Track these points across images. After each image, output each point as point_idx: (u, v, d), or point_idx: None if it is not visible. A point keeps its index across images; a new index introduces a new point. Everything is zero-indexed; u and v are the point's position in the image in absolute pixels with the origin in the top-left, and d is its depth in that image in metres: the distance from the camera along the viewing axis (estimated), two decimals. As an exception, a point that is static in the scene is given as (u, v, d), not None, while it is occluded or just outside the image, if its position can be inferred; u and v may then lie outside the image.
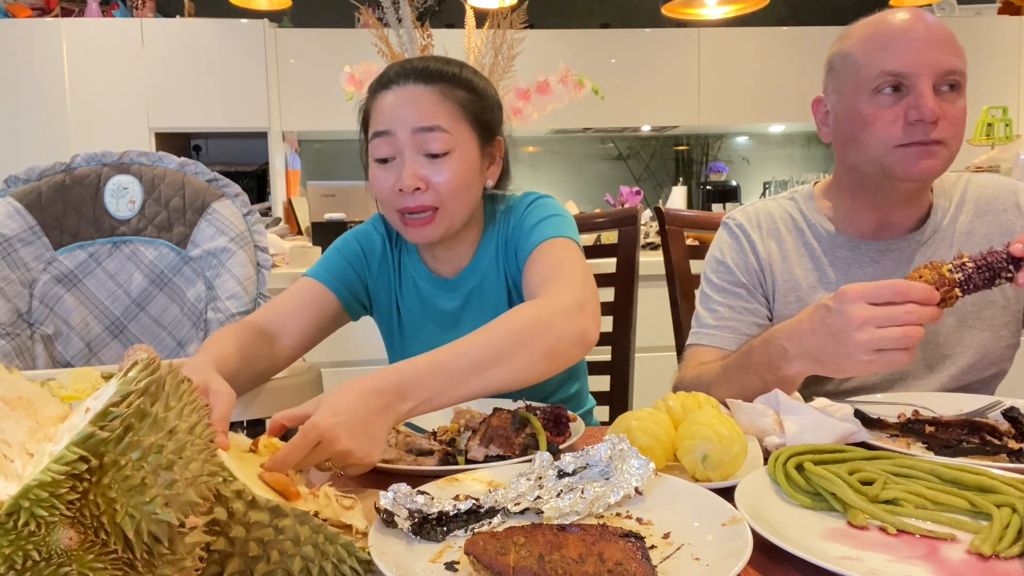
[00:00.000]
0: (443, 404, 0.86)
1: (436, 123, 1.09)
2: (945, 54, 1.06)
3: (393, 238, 1.28)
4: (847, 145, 1.14)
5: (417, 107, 1.10)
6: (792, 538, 0.62)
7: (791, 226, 1.24)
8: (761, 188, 5.09)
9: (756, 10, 3.67)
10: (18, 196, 1.47)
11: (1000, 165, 3.28)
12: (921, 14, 1.10)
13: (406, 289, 1.27)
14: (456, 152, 1.11)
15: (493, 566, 0.55)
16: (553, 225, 1.14)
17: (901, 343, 0.83)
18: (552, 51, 3.78)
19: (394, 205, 1.13)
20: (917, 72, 1.05)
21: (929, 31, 1.07)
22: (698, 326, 1.24)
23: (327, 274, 1.22)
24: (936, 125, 1.05)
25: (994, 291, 1.15)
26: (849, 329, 0.85)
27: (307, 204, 3.58)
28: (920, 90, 1.05)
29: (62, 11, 4.25)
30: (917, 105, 1.05)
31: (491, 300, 1.22)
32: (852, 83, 1.11)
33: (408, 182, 1.09)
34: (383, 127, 1.11)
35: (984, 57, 4.43)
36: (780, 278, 1.21)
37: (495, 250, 1.22)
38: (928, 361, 1.17)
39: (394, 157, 1.12)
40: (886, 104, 1.08)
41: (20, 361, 1.43)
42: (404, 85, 1.12)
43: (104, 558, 0.43)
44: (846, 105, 1.13)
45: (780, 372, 0.96)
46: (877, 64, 1.08)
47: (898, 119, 1.07)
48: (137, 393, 0.46)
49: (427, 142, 1.10)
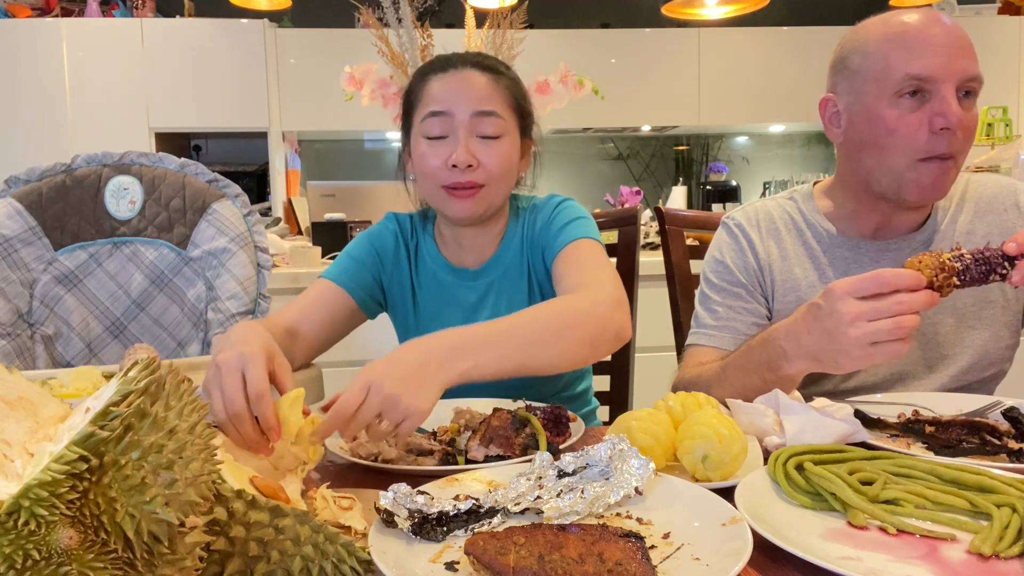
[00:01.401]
0: (494, 373, 0.89)
1: (493, 108, 1.17)
2: (968, 59, 1.04)
3: (409, 231, 1.32)
4: (864, 149, 1.11)
5: (475, 91, 1.17)
6: (792, 538, 0.62)
7: (790, 226, 1.24)
8: (761, 188, 5.09)
9: (756, 10, 3.67)
10: (19, 197, 1.48)
11: (1000, 165, 3.28)
12: (938, 16, 1.07)
13: (425, 280, 1.30)
14: (505, 137, 1.19)
15: (493, 566, 0.55)
16: (582, 227, 1.21)
17: (895, 334, 0.83)
18: (552, 51, 3.78)
19: (442, 181, 1.18)
20: (943, 77, 1.03)
21: (951, 35, 1.04)
22: (697, 326, 1.24)
23: (341, 275, 1.25)
24: (957, 136, 1.04)
25: (994, 290, 1.15)
26: (841, 326, 0.85)
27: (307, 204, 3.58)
28: (945, 96, 1.03)
29: (62, 11, 4.25)
30: (943, 112, 1.02)
31: (512, 293, 1.26)
32: (873, 84, 1.08)
33: (463, 158, 1.15)
34: (440, 107, 1.17)
35: (984, 57, 4.38)
36: (779, 278, 1.21)
37: (519, 244, 1.27)
38: (928, 361, 1.17)
39: (446, 136, 1.17)
40: (910, 108, 1.05)
41: (20, 361, 1.43)
42: (461, 70, 1.19)
43: (104, 558, 0.43)
44: (865, 108, 1.10)
45: (780, 372, 0.97)
46: (902, 66, 1.04)
47: (922, 126, 1.04)
48: (137, 393, 0.46)
49: (482, 124, 1.17)
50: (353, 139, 5.11)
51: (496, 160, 1.17)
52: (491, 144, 1.17)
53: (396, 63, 2.26)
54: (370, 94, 2.28)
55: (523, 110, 1.24)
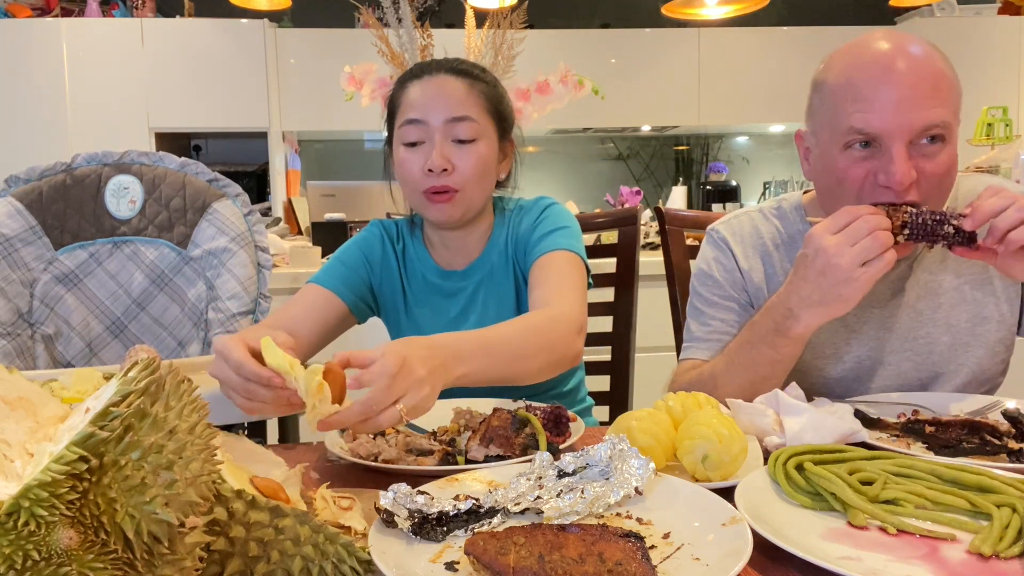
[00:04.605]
0: (478, 382, 0.93)
1: (466, 113, 1.19)
2: (924, 109, 0.96)
3: (395, 236, 1.34)
4: (825, 194, 1.10)
5: (449, 96, 1.19)
6: (792, 538, 0.62)
7: (778, 240, 1.21)
8: (761, 188, 5.09)
9: (756, 10, 3.67)
10: (19, 196, 1.48)
11: (1000, 165, 3.27)
12: (905, 50, 0.99)
13: (414, 282, 1.32)
14: (480, 140, 1.21)
15: (493, 566, 0.55)
16: (565, 236, 1.23)
17: (877, 247, 0.92)
18: (552, 51, 3.77)
19: (420, 186, 1.20)
20: (889, 132, 0.97)
21: (909, 80, 0.97)
22: (690, 340, 1.22)
23: (330, 279, 1.27)
24: (909, 190, 0.98)
25: (989, 306, 1.13)
26: (831, 260, 0.92)
27: (307, 204, 3.58)
28: (892, 154, 0.97)
29: (62, 11, 4.25)
30: (887, 170, 0.98)
31: (500, 291, 1.28)
32: (826, 130, 1.05)
33: (437, 162, 1.17)
34: (415, 115, 1.20)
35: (984, 57, 4.43)
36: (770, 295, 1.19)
37: (504, 244, 1.29)
38: (923, 380, 1.15)
39: (423, 141, 1.20)
40: (860, 158, 1.01)
41: (21, 361, 1.43)
42: (435, 75, 1.22)
43: (104, 558, 0.43)
44: (821, 151, 1.07)
45: (790, 333, 0.99)
46: (847, 119, 1.00)
47: (869, 176, 1.00)
48: (137, 393, 0.46)
49: (456, 129, 1.19)
50: (353, 139, 5.11)
51: (471, 163, 1.19)
52: (466, 148, 1.19)
53: (396, 63, 2.26)
54: (370, 94, 2.28)
55: (500, 113, 1.25)
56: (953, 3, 4.56)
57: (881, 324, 1.14)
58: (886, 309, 1.14)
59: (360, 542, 0.61)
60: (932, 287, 1.14)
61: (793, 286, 0.98)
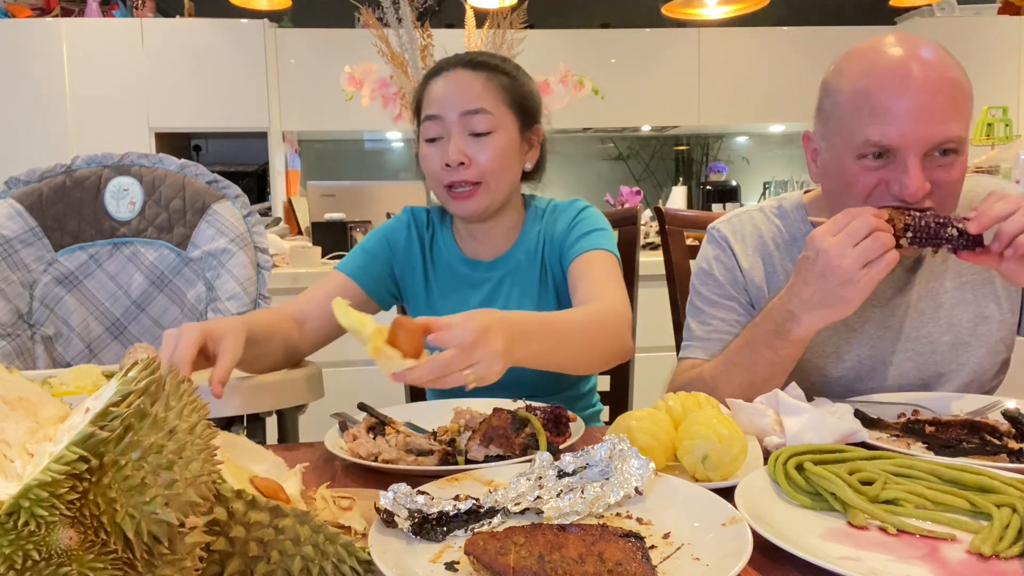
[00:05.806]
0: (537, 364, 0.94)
1: (480, 106, 1.20)
2: (941, 123, 0.96)
3: (424, 223, 1.36)
4: (832, 197, 1.09)
5: (464, 91, 1.21)
6: (792, 538, 0.62)
7: (779, 240, 1.21)
8: (761, 188, 5.09)
9: (756, 10, 3.67)
10: (19, 197, 1.48)
11: (1000, 165, 3.27)
12: (921, 58, 0.98)
13: (440, 271, 1.34)
14: (498, 132, 1.21)
15: (493, 566, 0.55)
16: (602, 238, 1.26)
17: (879, 248, 0.90)
18: (552, 51, 3.77)
19: (441, 180, 1.22)
20: (905, 145, 0.96)
21: (927, 93, 0.96)
22: (689, 339, 1.21)
23: (353, 266, 1.30)
24: (922, 201, 0.98)
25: (990, 306, 1.13)
26: (831, 261, 0.91)
27: (307, 204, 3.58)
28: (906, 165, 0.97)
29: (62, 11, 4.25)
30: (901, 182, 0.97)
31: (524, 287, 1.30)
32: (838, 137, 1.04)
33: (454, 156, 1.19)
34: (433, 111, 1.22)
35: (984, 57, 4.43)
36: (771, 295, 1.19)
37: (536, 241, 1.31)
38: (925, 381, 1.15)
39: (441, 137, 1.21)
40: (873, 167, 1.00)
41: (20, 362, 1.43)
42: (452, 71, 1.23)
43: (104, 558, 0.43)
44: (833, 157, 1.05)
45: (791, 335, 0.99)
46: (862, 131, 0.99)
47: (880, 185, 1.00)
48: (137, 393, 0.46)
49: (472, 123, 1.20)
50: (353, 139, 5.11)
51: (488, 155, 1.20)
52: (482, 141, 1.20)
53: (396, 63, 2.26)
54: (370, 94, 2.28)
55: (521, 104, 1.25)
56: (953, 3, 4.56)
57: (882, 323, 1.14)
58: (887, 308, 1.14)
59: (360, 542, 0.61)
60: (934, 286, 1.14)
61: (794, 288, 0.98)
